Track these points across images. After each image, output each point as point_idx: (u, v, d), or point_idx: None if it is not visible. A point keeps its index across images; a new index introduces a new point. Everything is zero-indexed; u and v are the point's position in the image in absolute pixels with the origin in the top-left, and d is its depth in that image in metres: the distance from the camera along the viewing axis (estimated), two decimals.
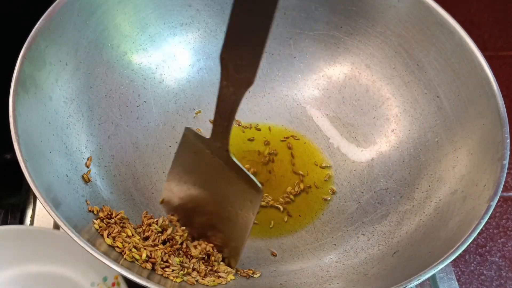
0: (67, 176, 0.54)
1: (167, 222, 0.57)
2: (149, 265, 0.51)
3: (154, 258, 0.52)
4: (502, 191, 0.75)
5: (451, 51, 0.61)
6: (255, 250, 0.59)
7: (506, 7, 0.99)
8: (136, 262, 0.51)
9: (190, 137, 0.55)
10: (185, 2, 0.66)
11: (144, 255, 0.51)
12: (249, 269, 0.56)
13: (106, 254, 0.46)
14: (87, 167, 0.57)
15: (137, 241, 0.53)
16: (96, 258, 0.45)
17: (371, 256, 0.57)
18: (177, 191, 0.58)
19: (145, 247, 0.52)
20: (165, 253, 0.53)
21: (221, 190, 0.55)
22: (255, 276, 0.56)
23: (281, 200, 0.63)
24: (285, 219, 0.62)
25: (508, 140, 0.54)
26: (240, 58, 0.45)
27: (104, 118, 0.61)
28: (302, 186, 0.64)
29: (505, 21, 0.98)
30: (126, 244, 0.52)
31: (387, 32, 0.65)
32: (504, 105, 0.56)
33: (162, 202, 0.60)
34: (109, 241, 0.52)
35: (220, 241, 0.56)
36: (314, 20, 0.67)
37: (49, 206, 0.47)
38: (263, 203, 0.63)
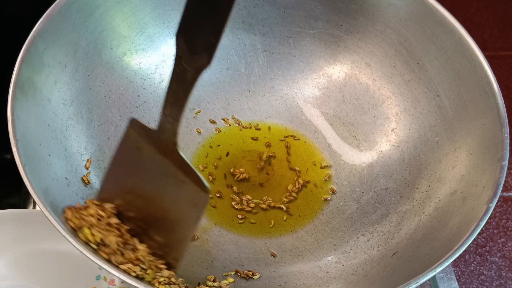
0: (67, 179, 0.54)
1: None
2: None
3: (108, 245, 0.48)
4: (502, 191, 0.75)
5: (451, 49, 0.60)
6: (254, 251, 0.59)
7: (506, 7, 0.99)
8: (89, 243, 0.48)
9: (134, 129, 0.50)
10: (185, 2, 0.65)
11: (98, 238, 0.48)
12: (248, 270, 0.56)
13: (106, 259, 0.46)
14: (87, 169, 0.57)
15: (94, 221, 0.49)
16: (95, 262, 0.46)
17: (371, 257, 0.57)
18: (115, 192, 0.52)
19: (100, 230, 0.48)
20: (121, 243, 0.49)
21: (165, 191, 0.50)
22: (254, 277, 0.56)
23: (284, 199, 0.63)
24: (284, 218, 0.62)
25: (508, 140, 0.54)
26: (198, 37, 0.41)
27: (104, 120, 0.61)
28: (301, 181, 0.64)
29: (505, 21, 0.97)
30: (83, 221, 0.49)
31: (387, 30, 0.65)
32: (504, 105, 0.56)
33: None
34: (69, 214, 0.49)
35: (159, 251, 0.50)
36: (314, 18, 0.67)
37: (47, 210, 0.47)
38: (264, 206, 0.63)
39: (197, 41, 0.42)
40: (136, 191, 0.51)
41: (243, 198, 0.62)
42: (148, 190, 0.51)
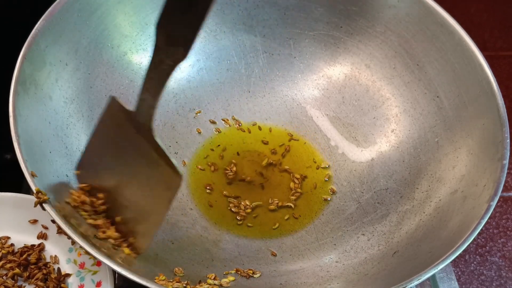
0: (67, 176, 0.54)
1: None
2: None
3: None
4: (502, 191, 0.75)
5: (451, 51, 0.61)
6: (255, 250, 0.59)
7: (506, 7, 0.99)
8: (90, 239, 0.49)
9: (114, 107, 0.51)
10: None
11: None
12: (249, 269, 0.56)
13: (107, 254, 0.46)
14: None
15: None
16: (96, 257, 0.46)
17: (371, 256, 0.57)
18: (95, 163, 0.53)
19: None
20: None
21: (141, 170, 0.51)
22: (255, 276, 0.56)
23: (292, 197, 0.63)
24: (286, 217, 0.62)
25: (508, 140, 0.55)
26: (176, 30, 0.44)
27: None
28: (298, 176, 0.64)
29: (505, 21, 0.98)
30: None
31: (387, 32, 0.65)
32: (504, 105, 0.56)
33: (77, 173, 0.54)
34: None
35: (129, 227, 0.52)
36: (314, 20, 0.67)
37: (49, 207, 0.47)
38: (272, 207, 0.62)
39: (175, 34, 0.44)
40: (117, 166, 0.52)
41: (241, 203, 0.62)
42: (127, 166, 0.52)
